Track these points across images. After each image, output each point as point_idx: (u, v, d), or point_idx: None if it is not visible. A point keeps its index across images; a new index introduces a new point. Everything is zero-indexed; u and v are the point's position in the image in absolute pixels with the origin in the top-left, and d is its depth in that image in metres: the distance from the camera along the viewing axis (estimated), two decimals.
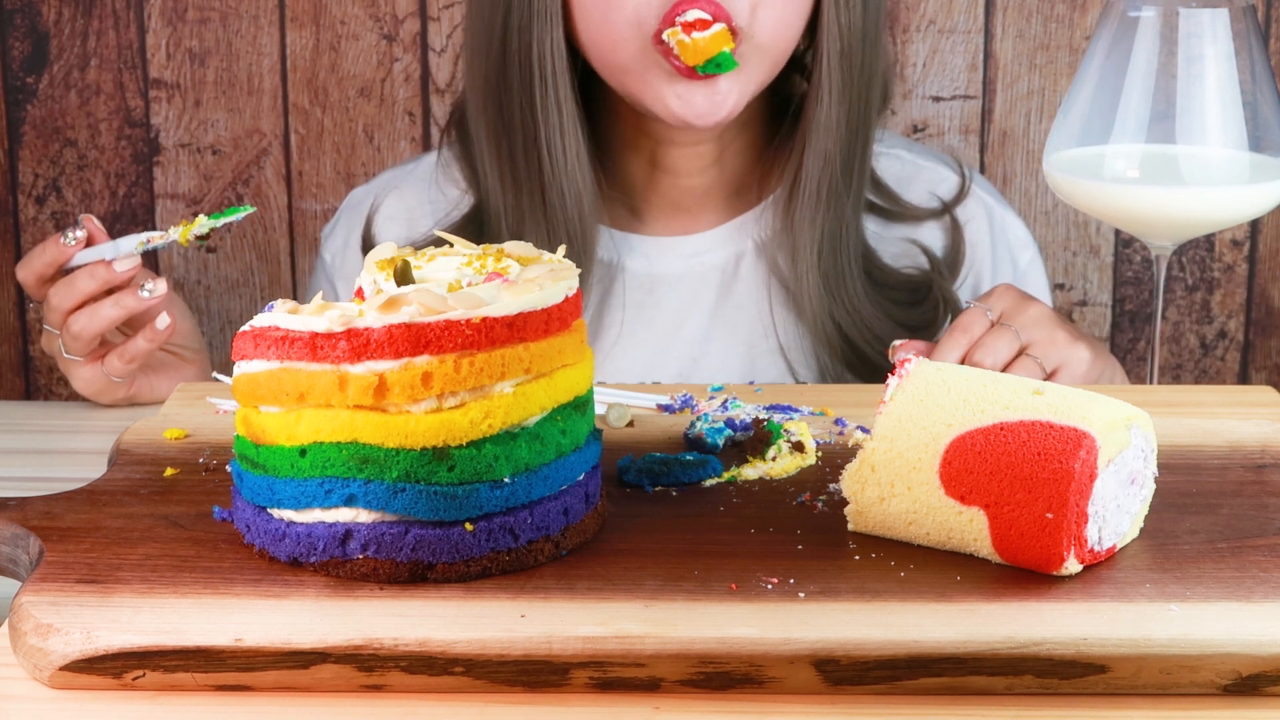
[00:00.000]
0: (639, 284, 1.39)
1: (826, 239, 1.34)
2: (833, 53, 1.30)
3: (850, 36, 1.30)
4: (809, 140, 1.32)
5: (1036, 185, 1.80)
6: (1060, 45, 1.77)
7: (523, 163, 1.32)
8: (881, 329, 1.35)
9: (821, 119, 1.31)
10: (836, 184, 1.33)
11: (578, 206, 1.32)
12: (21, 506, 0.90)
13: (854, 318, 1.34)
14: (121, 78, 1.78)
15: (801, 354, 1.37)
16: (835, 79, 1.31)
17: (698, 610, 0.78)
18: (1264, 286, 1.83)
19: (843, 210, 1.34)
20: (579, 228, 1.32)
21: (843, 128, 1.32)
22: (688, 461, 0.94)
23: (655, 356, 1.39)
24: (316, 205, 1.80)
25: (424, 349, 0.79)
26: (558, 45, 1.28)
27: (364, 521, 0.81)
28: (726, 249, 1.40)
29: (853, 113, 1.32)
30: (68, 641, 0.75)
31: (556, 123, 1.30)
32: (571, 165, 1.31)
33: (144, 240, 1.24)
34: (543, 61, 1.28)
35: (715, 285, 1.40)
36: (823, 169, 1.33)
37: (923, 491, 0.84)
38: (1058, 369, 1.19)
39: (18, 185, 1.80)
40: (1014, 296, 1.21)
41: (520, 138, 1.31)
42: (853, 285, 1.35)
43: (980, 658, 0.75)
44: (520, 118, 1.31)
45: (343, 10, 1.76)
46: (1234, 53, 1.14)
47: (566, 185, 1.31)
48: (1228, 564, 0.83)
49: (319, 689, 0.76)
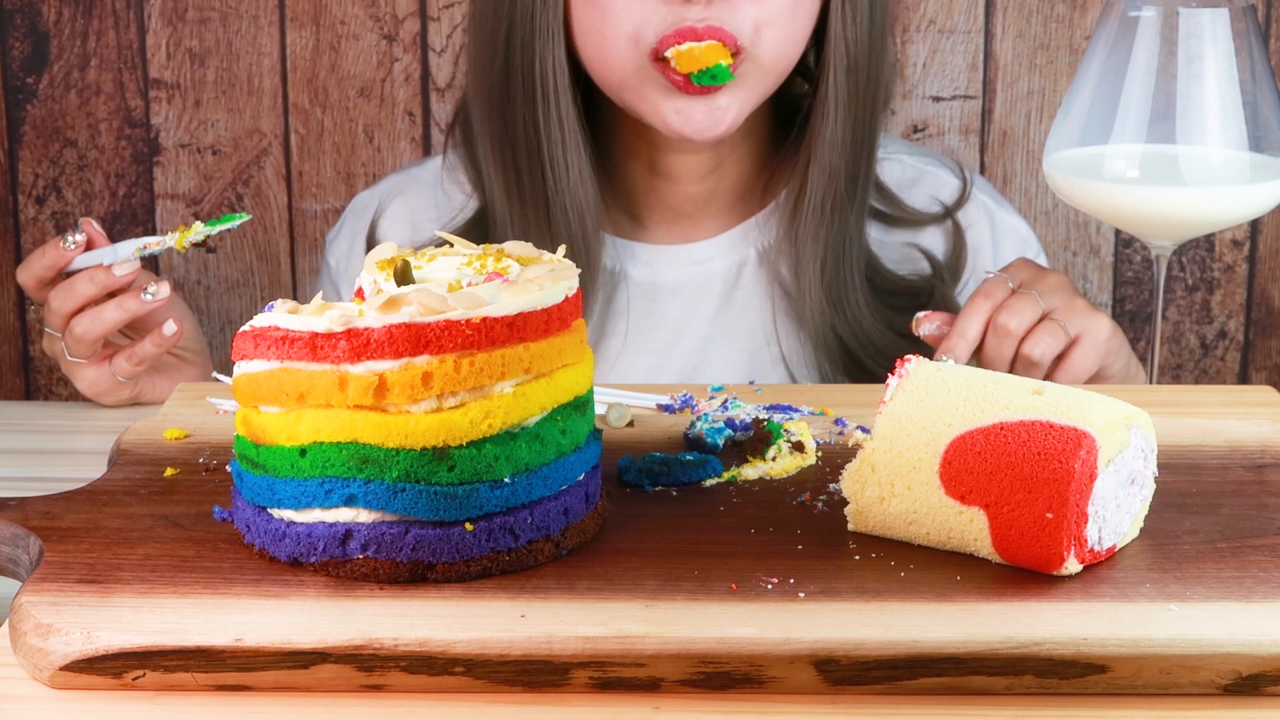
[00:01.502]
0: (641, 292, 1.39)
1: (830, 252, 1.33)
2: (839, 67, 1.29)
3: (857, 50, 1.30)
4: (814, 155, 1.32)
5: (1036, 185, 1.80)
6: (1060, 45, 1.77)
7: (526, 175, 1.32)
8: (882, 340, 1.35)
9: (827, 135, 1.31)
10: (841, 197, 1.33)
11: (580, 221, 1.31)
12: (21, 506, 0.90)
13: (855, 329, 1.34)
14: (121, 78, 1.78)
15: (803, 363, 1.37)
16: (841, 93, 1.30)
17: (698, 610, 0.78)
18: (1264, 286, 1.83)
19: (847, 222, 1.34)
20: (582, 241, 1.32)
21: (848, 142, 1.32)
22: (688, 461, 0.94)
23: (657, 363, 1.39)
24: (316, 205, 1.80)
25: (424, 349, 0.79)
26: (559, 62, 1.28)
27: (364, 521, 0.81)
28: (729, 257, 1.39)
29: (858, 125, 1.32)
30: (68, 641, 0.75)
31: (559, 139, 1.29)
32: (574, 181, 1.30)
33: (141, 246, 1.24)
34: (545, 78, 1.28)
35: (717, 293, 1.39)
36: (828, 183, 1.32)
37: (923, 491, 0.84)
38: (1079, 336, 1.20)
39: (18, 185, 1.80)
40: (1033, 267, 1.23)
41: (524, 150, 1.31)
42: (855, 297, 1.34)
43: (980, 658, 0.75)
44: (524, 131, 1.30)
45: (343, 10, 1.76)
46: (1234, 53, 1.14)
47: (569, 200, 1.31)
48: (1228, 564, 0.83)
49: (319, 689, 0.76)
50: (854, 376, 1.35)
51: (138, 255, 1.24)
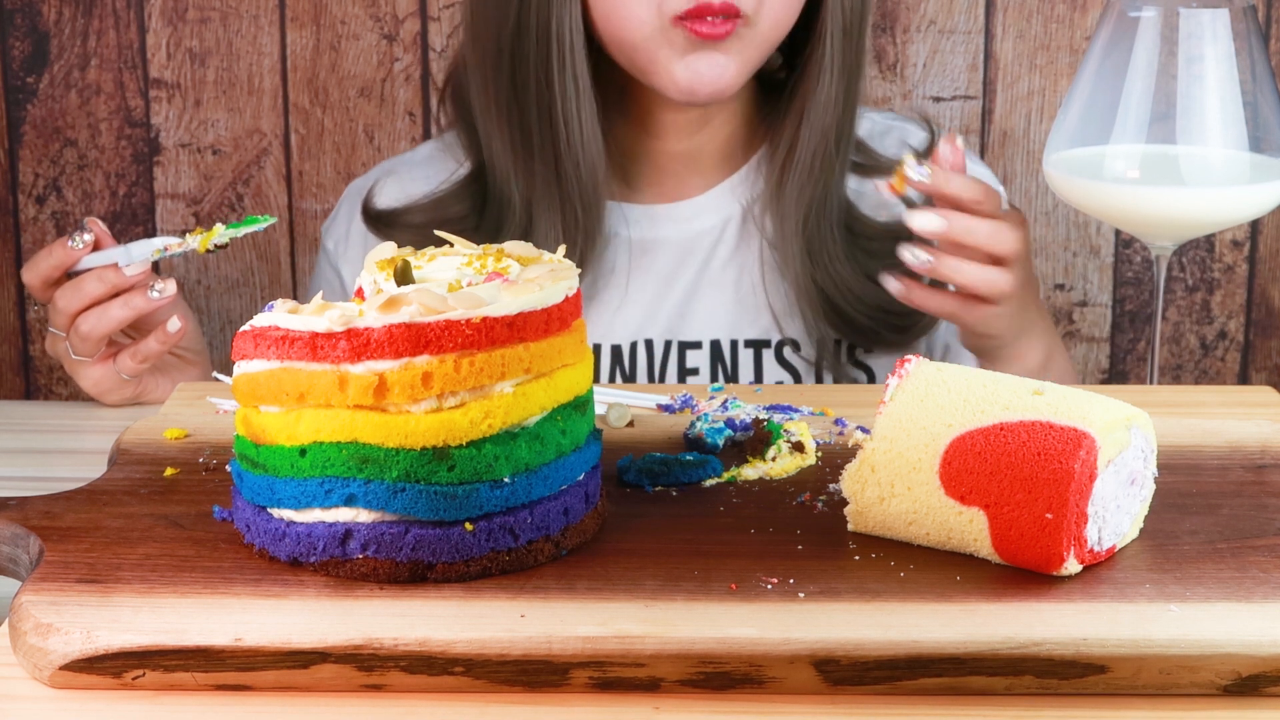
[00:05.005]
0: (630, 250, 1.42)
1: (812, 209, 1.38)
2: (836, 33, 1.35)
3: (852, 16, 1.35)
4: (806, 114, 1.37)
5: (1036, 185, 1.80)
6: (1060, 45, 1.77)
7: (536, 133, 1.35)
8: (861, 289, 1.39)
9: (822, 96, 1.36)
10: (830, 155, 1.38)
11: (591, 177, 1.35)
12: (21, 506, 0.90)
13: (834, 279, 1.39)
14: (121, 77, 1.78)
15: (788, 313, 1.41)
16: (837, 58, 1.35)
17: (698, 610, 0.78)
18: (1264, 287, 1.83)
19: (830, 179, 1.39)
20: (591, 196, 1.36)
21: (840, 103, 1.37)
22: (688, 461, 0.94)
23: (646, 317, 1.42)
24: (316, 205, 1.80)
25: (424, 349, 0.79)
26: (575, 21, 1.31)
27: (364, 521, 0.81)
28: (714, 214, 1.44)
29: (850, 87, 1.37)
30: (68, 641, 0.75)
31: (573, 95, 1.33)
32: (587, 137, 1.34)
33: (161, 248, 1.24)
34: (561, 37, 1.32)
35: (704, 248, 1.43)
36: (819, 142, 1.37)
37: (923, 491, 0.84)
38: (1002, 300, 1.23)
39: (18, 185, 1.80)
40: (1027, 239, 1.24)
41: (534, 109, 1.34)
42: (832, 249, 1.39)
43: (980, 658, 0.75)
44: (535, 90, 1.34)
45: (343, 10, 1.76)
46: (1234, 53, 1.14)
47: (581, 156, 1.34)
48: (1228, 564, 0.83)
49: (319, 689, 0.76)
50: (834, 324, 1.40)
51: (156, 257, 1.24)
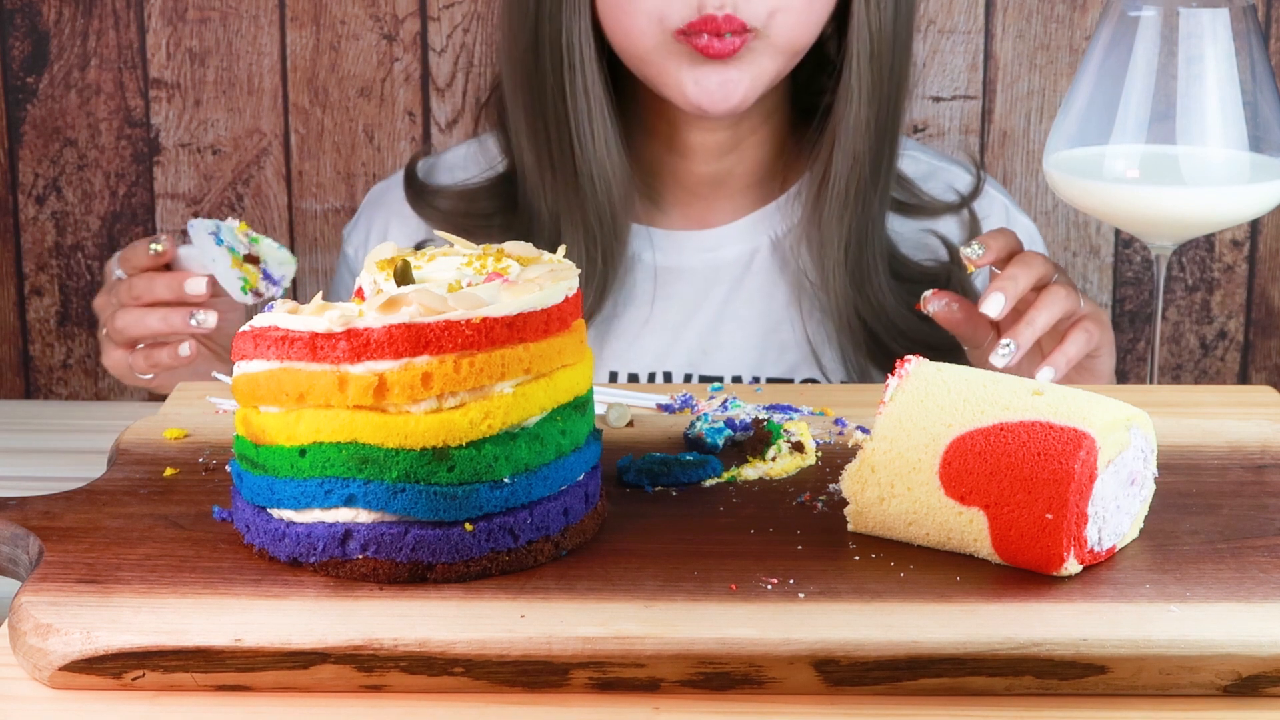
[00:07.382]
0: (654, 276, 1.41)
1: (854, 235, 1.37)
2: (862, 55, 1.33)
3: (880, 39, 1.33)
4: (837, 139, 1.35)
5: (1036, 185, 1.80)
6: (1060, 45, 1.77)
7: (555, 146, 1.35)
8: (905, 322, 1.37)
9: (850, 120, 1.34)
10: (865, 181, 1.36)
11: (608, 193, 1.35)
12: (21, 506, 0.90)
13: (878, 311, 1.37)
14: (121, 77, 1.78)
15: (826, 345, 1.39)
16: (865, 80, 1.33)
17: (697, 611, 0.78)
18: (1264, 286, 1.83)
19: (870, 207, 1.37)
20: (611, 214, 1.35)
21: (872, 128, 1.35)
22: (688, 461, 0.94)
23: (666, 347, 1.41)
24: (316, 205, 1.80)
25: (424, 349, 0.79)
26: (585, 33, 1.32)
27: (364, 521, 0.81)
28: (741, 244, 1.42)
29: (882, 113, 1.35)
30: (68, 641, 0.75)
31: (585, 108, 1.33)
32: (601, 151, 1.34)
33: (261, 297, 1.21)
34: (571, 49, 1.32)
35: (729, 280, 1.42)
36: (851, 168, 1.35)
37: (923, 492, 0.84)
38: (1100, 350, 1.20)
39: (18, 185, 1.80)
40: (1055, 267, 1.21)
41: (553, 121, 1.35)
42: (878, 281, 1.37)
43: (980, 658, 0.75)
44: (552, 101, 1.34)
45: (343, 10, 1.76)
46: (1234, 53, 1.14)
47: (596, 171, 1.34)
48: (1228, 564, 0.83)
49: (319, 689, 0.76)
50: (875, 358, 1.38)
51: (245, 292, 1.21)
